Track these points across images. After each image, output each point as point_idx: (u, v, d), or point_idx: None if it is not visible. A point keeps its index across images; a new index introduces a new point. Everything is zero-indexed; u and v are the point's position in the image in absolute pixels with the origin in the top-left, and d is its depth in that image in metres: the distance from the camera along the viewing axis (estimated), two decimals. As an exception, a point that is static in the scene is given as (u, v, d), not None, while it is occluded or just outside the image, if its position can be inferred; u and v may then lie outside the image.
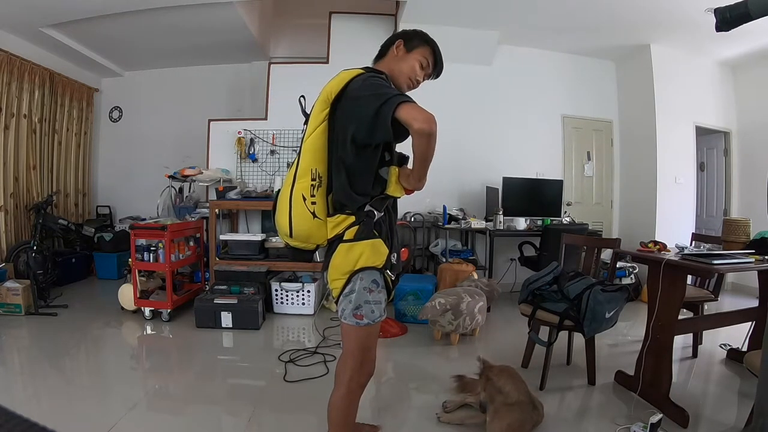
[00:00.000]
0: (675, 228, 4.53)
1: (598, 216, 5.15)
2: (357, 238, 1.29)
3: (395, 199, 1.44)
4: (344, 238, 1.30)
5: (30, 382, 2.44)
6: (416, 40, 1.46)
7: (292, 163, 1.36)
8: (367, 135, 1.23)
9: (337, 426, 1.42)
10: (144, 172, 5.42)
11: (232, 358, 2.99)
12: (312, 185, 1.28)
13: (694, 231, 4.30)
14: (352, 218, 1.30)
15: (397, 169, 1.36)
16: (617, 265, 4.16)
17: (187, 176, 4.31)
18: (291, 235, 1.32)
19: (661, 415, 1.84)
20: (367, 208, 1.30)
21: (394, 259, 1.38)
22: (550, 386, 2.37)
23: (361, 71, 1.32)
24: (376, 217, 1.31)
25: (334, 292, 1.37)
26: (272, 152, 4.63)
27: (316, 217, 1.29)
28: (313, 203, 1.28)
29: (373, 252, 1.30)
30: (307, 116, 1.39)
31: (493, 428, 1.81)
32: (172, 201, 4.49)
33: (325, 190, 1.31)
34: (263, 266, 3.79)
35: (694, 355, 2.90)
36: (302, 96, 1.50)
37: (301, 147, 1.34)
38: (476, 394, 2.06)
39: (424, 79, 1.51)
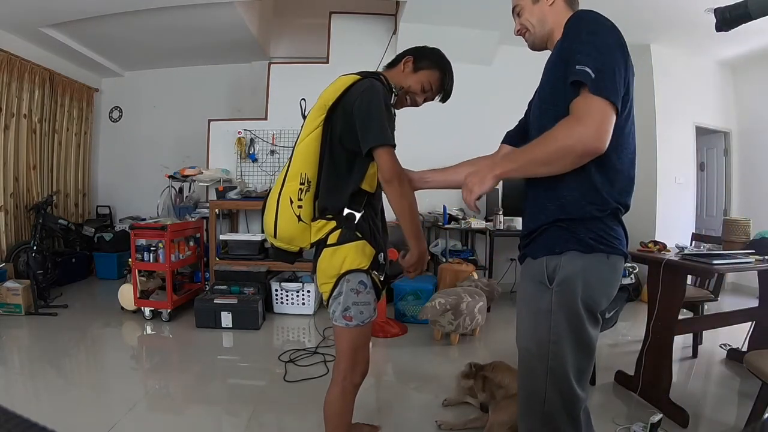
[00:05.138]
0: (675, 228, 4.52)
1: (598, 216, 5.14)
2: (340, 241, 1.31)
3: (380, 197, 1.43)
4: (327, 242, 1.32)
5: (30, 382, 2.44)
6: (427, 61, 1.44)
7: (285, 164, 1.38)
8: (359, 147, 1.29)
9: (333, 425, 1.42)
10: (144, 172, 5.41)
11: (232, 358, 2.99)
12: (300, 189, 1.30)
13: (694, 231, 4.30)
14: (334, 223, 1.32)
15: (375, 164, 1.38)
16: (617, 265, 4.15)
17: (187, 176, 4.31)
18: (275, 236, 1.34)
19: (661, 415, 1.84)
20: (347, 211, 1.31)
21: (381, 259, 1.38)
22: (550, 386, 2.37)
23: (358, 77, 1.33)
24: (357, 218, 1.32)
25: (324, 295, 1.38)
26: (272, 152, 4.63)
27: (302, 220, 1.31)
28: (300, 207, 1.30)
29: (357, 254, 1.31)
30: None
31: (497, 418, 1.82)
32: (172, 201, 4.49)
33: (313, 194, 1.33)
34: (263, 266, 3.79)
35: (694, 355, 2.89)
36: (303, 99, 1.51)
37: (293, 150, 1.35)
38: (482, 391, 2.06)
39: (423, 102, 1.49)
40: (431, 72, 1.44)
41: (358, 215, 1.32)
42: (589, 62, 0.96)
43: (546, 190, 1.10)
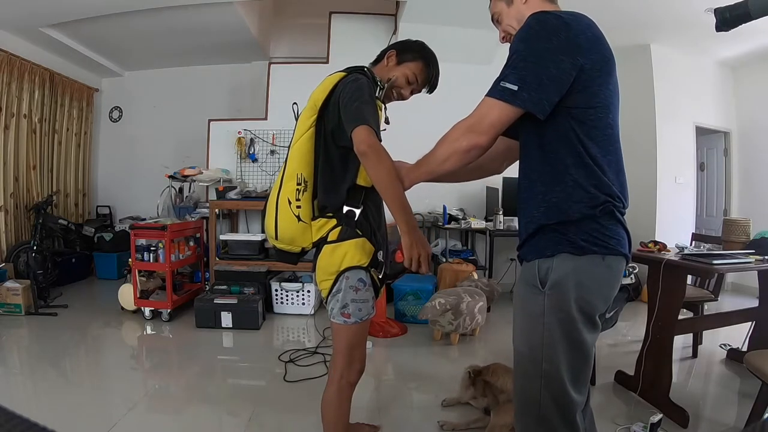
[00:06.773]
0: (675, 228, 4.52)
1: (598, 216, 5.14)
2: (340, 238, 1.32)
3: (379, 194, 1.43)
4: (328, 239, 1.33)
5: (30, 382, 2.44)
6: (410, 53, 1.45)
7: (281, 166, 1.39)
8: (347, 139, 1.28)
9: (330, 424, 1.43)
10: (144, 172, 5.41)
11: (232, 358, 2.99)
12: (297, 189, 1.31)
13: (694, 231, 4.30)
14: (334, 221, 1.33)
15: None
16: (617, 265, 4.14)
17: (187, 176, 4.31)
18: (276, 238, 1.35)
19: (661, 415, 1.84)
20: (346, 209, 1.32)
21: (380, 257, 1.38)
22: (550, 386, 2.37)
23: (344, 74, 1.35)
24: (357, 216, 1.33)
25: (323, 292, 1.39)
26: (272, 152, 4.63)
27: (301, 220, 1.32)
28: (299, 207, 1.31)
29: (357, 251, 1.32)
30: None
31: (499, 420, 1.82)
32: (172, 201, 4.49)
33: (311, 194, 1.34)
34: (263, 266, 3.79)
35: (694, 355, 2.90)
36: (295, 103, 1.52)
37: (288, 152, 1.37)
38: (482, 396, 2.05)
39: (411, 94, 1.50)
40: (415, 63, 1.44)
41: (357, 211, 1.33)
42: (505, 70, 1.03)
43: (531, 197, 1.09)
